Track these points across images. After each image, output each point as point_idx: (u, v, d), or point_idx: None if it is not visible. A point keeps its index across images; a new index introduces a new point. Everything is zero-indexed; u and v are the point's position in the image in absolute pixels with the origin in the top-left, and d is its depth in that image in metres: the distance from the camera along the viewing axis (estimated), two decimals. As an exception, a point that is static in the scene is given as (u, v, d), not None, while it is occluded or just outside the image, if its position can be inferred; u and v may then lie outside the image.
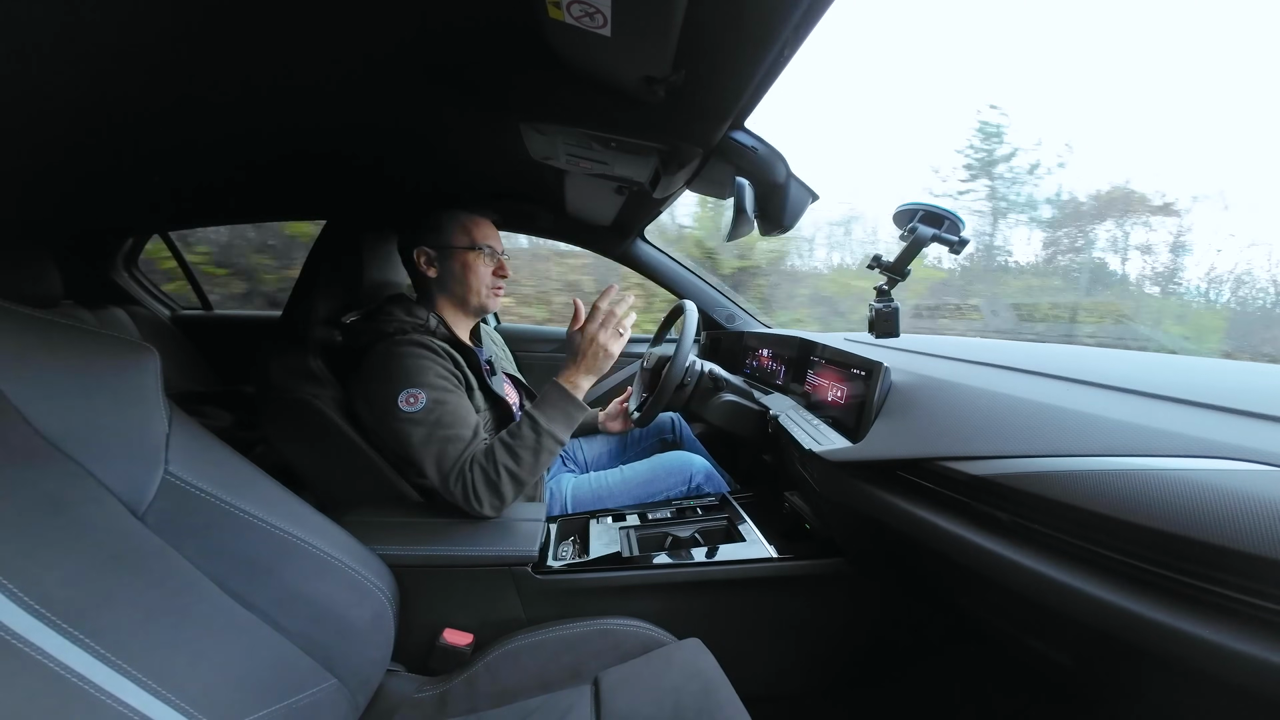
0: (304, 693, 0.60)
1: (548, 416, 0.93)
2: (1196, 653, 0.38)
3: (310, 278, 1.08)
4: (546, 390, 0.96)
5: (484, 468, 0.90)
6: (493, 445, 0.92)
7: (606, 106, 0.80)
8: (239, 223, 3.15)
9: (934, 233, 0.85)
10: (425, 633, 0.88)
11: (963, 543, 0.57)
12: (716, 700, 0.67)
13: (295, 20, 0.61)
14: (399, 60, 0.72)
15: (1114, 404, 0.55)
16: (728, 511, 1.08)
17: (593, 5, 0.52)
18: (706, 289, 1.90)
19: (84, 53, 0.59)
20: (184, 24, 0.58)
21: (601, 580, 0.91)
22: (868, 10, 5.06)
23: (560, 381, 0.96)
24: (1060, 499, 0.48)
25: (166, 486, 0.57)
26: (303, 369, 1.00)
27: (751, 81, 0.70)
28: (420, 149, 1.08)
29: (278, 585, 0.62)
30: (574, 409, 0.95)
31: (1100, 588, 0.44)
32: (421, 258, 1.08)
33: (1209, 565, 0.38)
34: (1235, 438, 0.43)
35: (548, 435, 0.92)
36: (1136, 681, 0.48)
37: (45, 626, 0.42)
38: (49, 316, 0.57)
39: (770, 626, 0.97)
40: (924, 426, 0.68)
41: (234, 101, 0.79)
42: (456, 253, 1.08)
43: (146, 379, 0.61)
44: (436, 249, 1.08)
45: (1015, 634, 0.63)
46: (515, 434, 0.93)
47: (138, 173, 1.06)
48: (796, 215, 1.01)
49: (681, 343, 1.16)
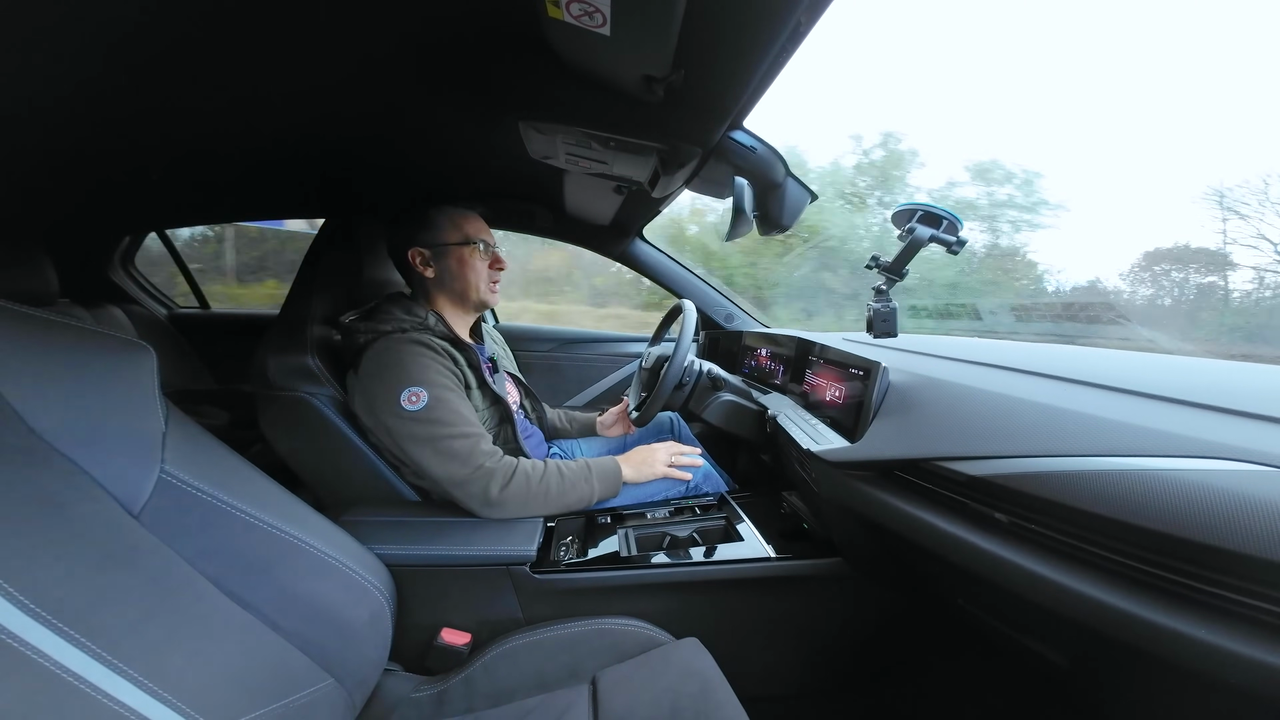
0: (300, 692, 0.59)
1: (600, 477, 1.05)
2: (1193, 653, 0.38)
3: (308, 276, 1.08)
4: (606, 460, 1.08)
5: (529, 474, 0.96)
6: (547, 463, 1.00)
7: (606, 106, 0.80)
8: (236, 221, 3.14)
9: (932, 233, 0.86)
10: (423, 632, 0.88)
11: (960, 543, 0.57)
12: (714, 700, 0.67)
13: (296, 20, 0.61)
14: (399, 59, 0.72)
15: (1111, 404, 0.55)
16: (726, 511, 1.08)
17: (592, 4, 0.51)
18: (705, 288, 1.90)
19: (84, 49, 0.59)
20: (185, 23, 0.57)
21: (599, 580, 0.91)
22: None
23: (619, 460, 1.10)
24: (1058, 499, 0.48)
25: (163, 485, 0.57)
26: (300, 368, 1.00)
27: (750, 81, 0.70)
28: (420, 148, 1.07)
29: (274, 584, 0.62)
30: (616, 484, 1.08)
31: (1097, 588, 0.45)
32: (417, 258, 1.08)
33: (1206, 566, 0.39)
34: (1232, 438, 0.43)
35: (591, 488, 1.02)
36: (1132, 682, 0.48)
37: (41, 626, 0.42)
38: (45, 315, 0.56)
39: (768, 626, 0.97)
40: (922, 426, 0.68)
41: (233, 100, 0.79)
42: (452, 249, 1.08)
43: (143, 377, 0.61)
44: (431, 247, 1.08)
45: (1012, 634, 0.63)
46: (572, 470, 1.02)
47: (134, 170, 1.05)
48: (795, 214, 1.02)
49: (680, 342, 1.16)
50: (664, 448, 1.15)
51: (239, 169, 1.14)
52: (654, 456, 1.12)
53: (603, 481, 1.04)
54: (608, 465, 1.07)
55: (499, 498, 0.92)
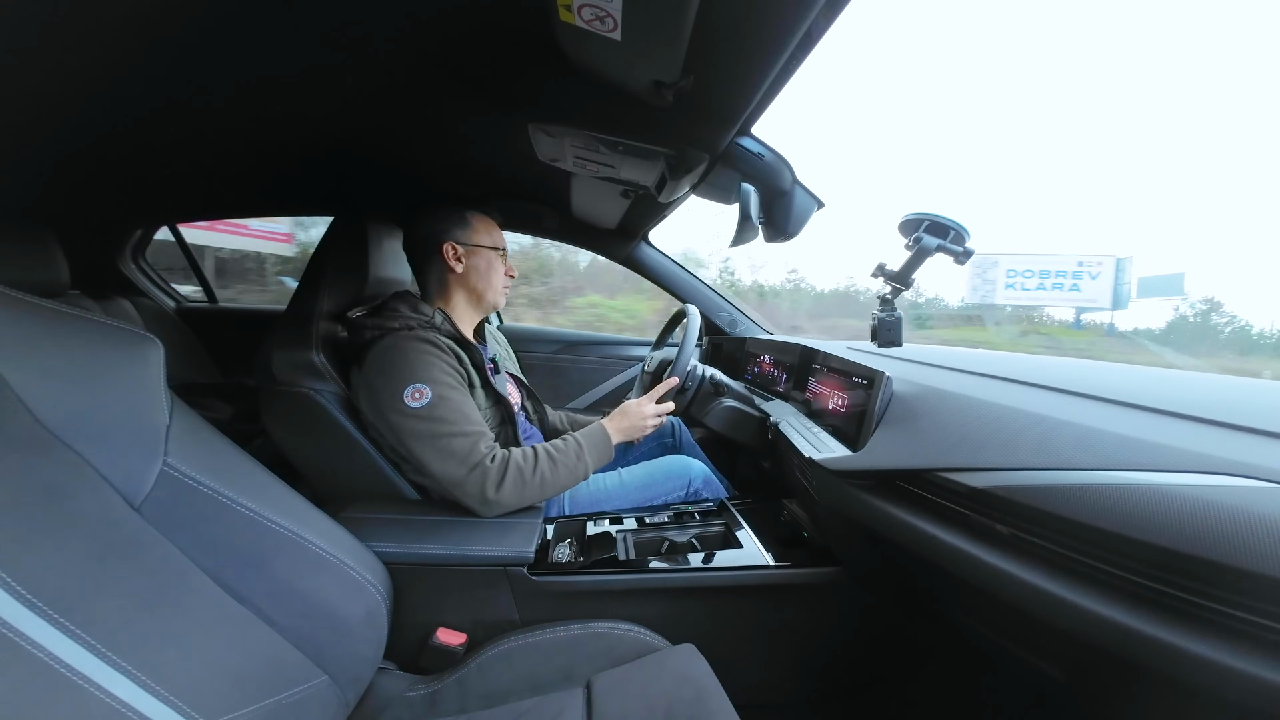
0: (294, 689, 0.59)
1: (590, 447, 1.04)
2: (1193, 669, 0.38)
3: (316, 272, 1.09)
4: (594, 429, 1.08)
5: (521, 467, 0.96)
6: (536, 450, 0.99)
7: (615, 110, 0.81)
8: (247, 216, 3.17)
9: (939, 243, 0.85)
10: (418, 631, 0.88)
11: (960, 554, 0.57)
12: (709, 708, 0.66)
13: (311, 20, 0.61)
14: (411, 60, 0.72)
15: (1115, 418, 0.54)
16: (725, 517, 1.08)
17: (603, 9, 0.52)
18: (709, 294, 1.90)
19: (101, 45, 0.59)
20: (202, 19, 0.58)
21: (596, 583, 0.90)
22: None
23: (606, 426, 1.09)
24: (1060, 513, 0.47)
25: (164, 478, 0.57)
26: (306, 363, 1.00)
27: (760, 88, 0.70)
28: (429, 147, 1.08)
29: (271, 579, 0.62)
30: (609, 451, 1.08)
31: (1097, 602, 0.44)
32: (451, 251, 1.10)
33: (1208, 581, 0.38)
34: (1234, 453, 0.43)
35: (584, 464, 1.02)
36: (1130, 697, 0.48)
37: (36, 616, 0.42)
38: (54, 305, 0.57)
39: (765, 634, 0.96)
40: (925, 437, 0.68)
41: (247, 97, 0.80)
42: (483, 251, 1.12)
43: (149, 370, 0.61)
44: (465, 245, 1.11)
45: (1009, 647, 0.63)
46: (560, 450, 1.01)
47: (147, 164, 1.06)
48: (801, 222, 1.02)
49: (683, 347, 1.16)
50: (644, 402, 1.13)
51: (251, 165, 1.15)
52: (641, 412, 1.12)
53: (595, 453, 1.04)
54: (597, 436, 1.07)
55: (495, 497, 0.92)
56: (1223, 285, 4.30)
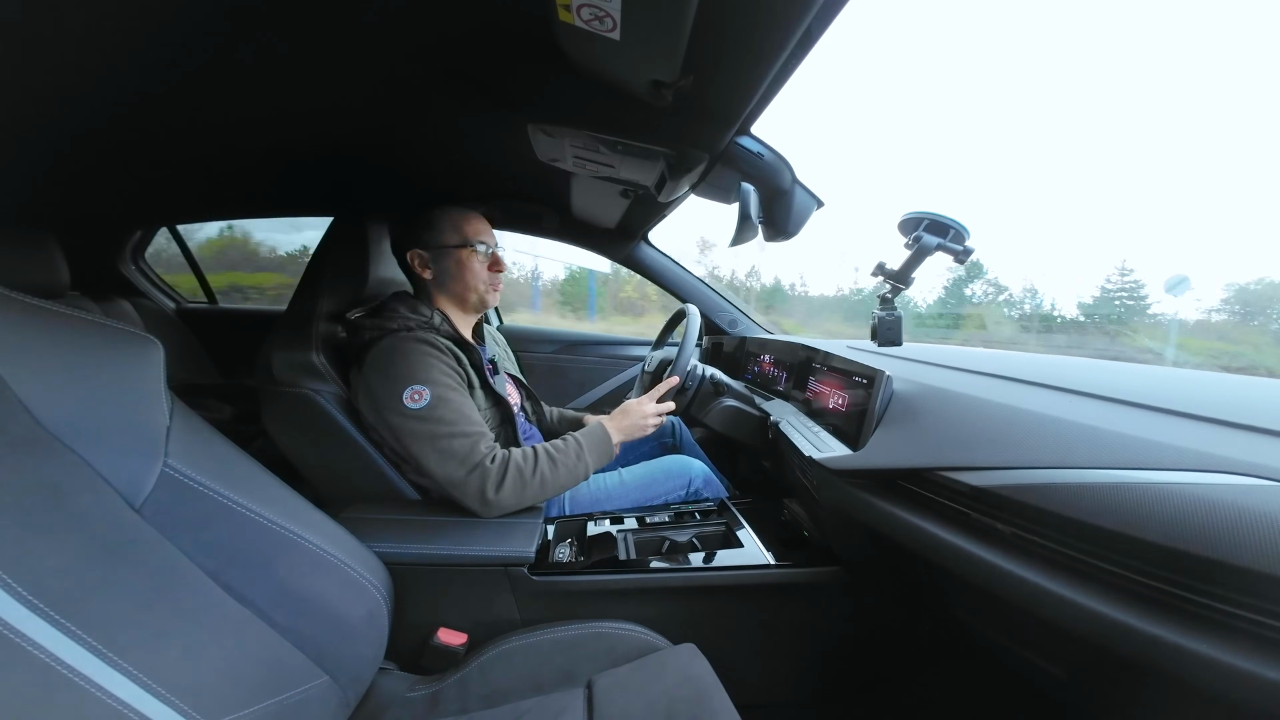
0: (295, 689, 0.59)
1: (591, 447, 1.03)
2: (1194, 667, 0.38)
3: (316, 273, 1.09)
4: (594, 428, 1.07)
5: (521, 467, 0.95)
6: (536, 451, 0.98)
7: (614, 110, 0.81)
8: (246, 218, 3.17)
9: (939, 241, 0.85)
10: (419, 631, 0.88)
11: (961, 553, 0.57)
12: (710, 707, 0.66)
13: (308, 23, 0.61)
14: (410, 60, 0.72)
15: (1117, 416, 0.54)
16: (726, 517, 1.08)
17: (603, 9, 0.52)
18: (709, 293, 1.90)
19: (106, 50, 0.59)
20: (200, 21, 0.58)
21: (597, 583, 0.90)
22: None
23: (607, 425, 1.08)
24: (1061, 511, 0.47)
25: (165, 479, 0.57)
26: (305, 364, 1.00)
27: (759, 87, 0.70)
28: (428, 148, 1.08)
29: (272, 580, 0.62)
30: (609, 451, 1.07)
31: (1098, 601, 0.44)
32: (415, 260, 1.08)
33: (1208, 580, 0.38)
34: (1236, 452, 0.43)
35: (584, 464, 1.01)
36: (1131, 696, 0.48)
37: (37, 617, 0.42)
38: (54, 306, 0.57)
39: (766, 634, 0.96)
40: (925, 436, 0.68)
41: (246, 98, 0.79)
42: (450, 251, 1.08)
43: (149, 371, 0.61)
44: (430, 249, 1.08)
45: (1010, 646, 0.63)
46: (560, 449, 1.00)
47: (147, 166, 1.06)
48: (801, 222, 1.02)
49: (684, 346, 1.16)
50: (645, 401, 1.13)
51: (250, 166, 1.15)
52: (642, 411, 1.11)
53: (595, 453, 1.04)
54: (597, 435, 1.06)
55: (495, 498, 0.92)
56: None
